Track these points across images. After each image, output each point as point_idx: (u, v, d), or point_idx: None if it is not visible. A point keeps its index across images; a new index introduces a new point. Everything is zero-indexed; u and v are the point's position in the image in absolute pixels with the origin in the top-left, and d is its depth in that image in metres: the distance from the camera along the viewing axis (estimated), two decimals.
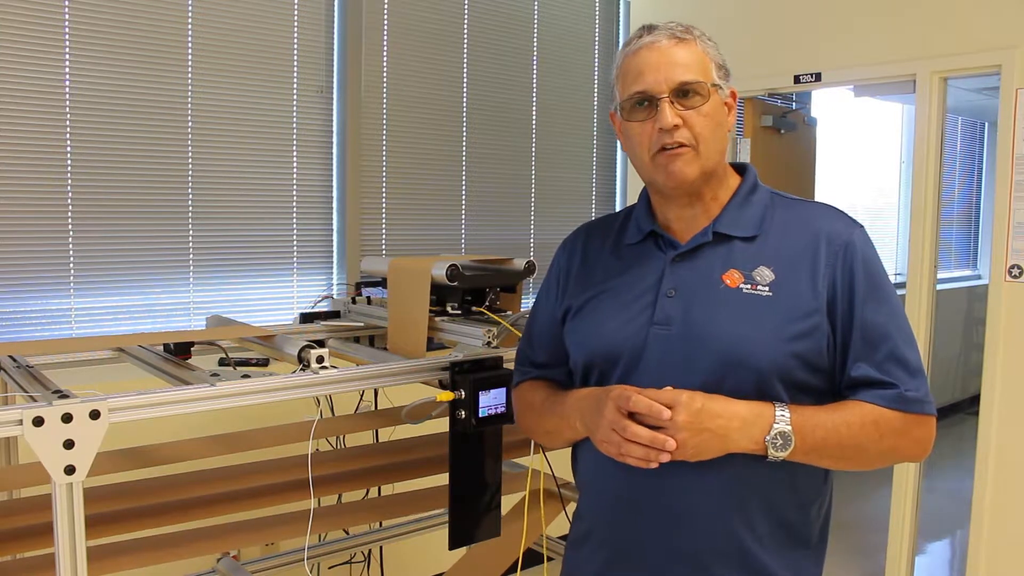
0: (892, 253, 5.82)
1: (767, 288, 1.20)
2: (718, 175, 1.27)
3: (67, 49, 2.56)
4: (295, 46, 3.05)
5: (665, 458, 1.14)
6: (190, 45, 2.80)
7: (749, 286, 1.21)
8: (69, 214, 2.60)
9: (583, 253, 1.40)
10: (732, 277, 1.22)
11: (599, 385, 1.28)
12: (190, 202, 2.84)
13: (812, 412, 1.15)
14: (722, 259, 1.24)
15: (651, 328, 1.23)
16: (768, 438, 1.13)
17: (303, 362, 1.49)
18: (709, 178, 1.25)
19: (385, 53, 3.28)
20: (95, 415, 1.21)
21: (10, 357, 1.67)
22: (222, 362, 2.02)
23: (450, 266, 1.78)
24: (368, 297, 2.22)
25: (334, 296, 3.13)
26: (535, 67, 3.78)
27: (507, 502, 1.75)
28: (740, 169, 1.33)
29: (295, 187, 3.09)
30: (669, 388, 1.16)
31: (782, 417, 1.13)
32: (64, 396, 1.25)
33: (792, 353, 1.17)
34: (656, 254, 1.30)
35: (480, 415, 1.54)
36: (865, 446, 1.16)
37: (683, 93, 1.21)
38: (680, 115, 1.20)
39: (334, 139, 3.18)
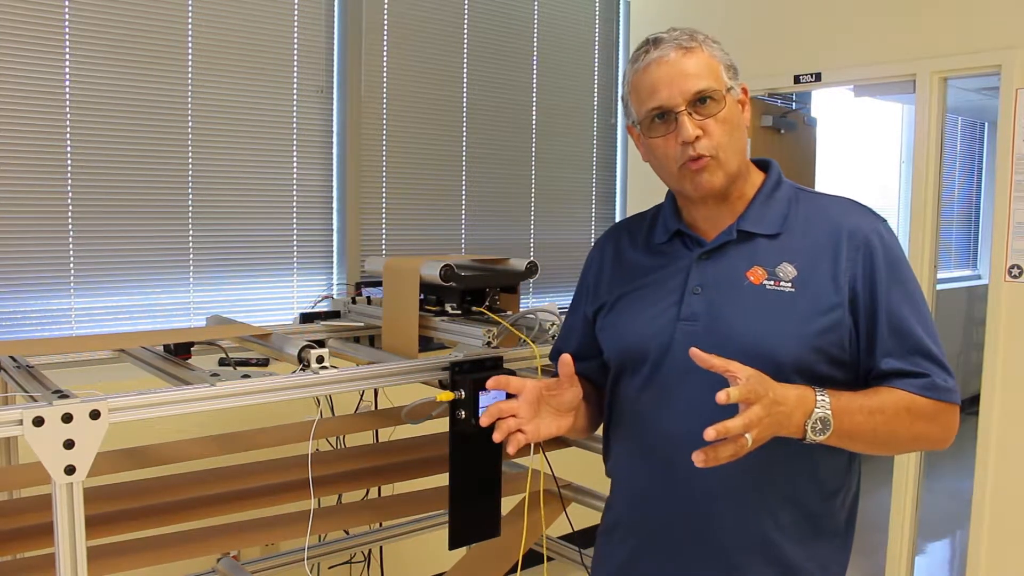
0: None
1: (790, 284, 1.22)
2: (742, 175, 1.29)
3: (67, 49, 2.56)
4: (295, 46, 3.05)
5: (741, 453, 1.05)
6: (190, 45, 2.80)
7: (772, 282, 1.23)
8: (69, 214, 2.60)
9: (615, 252, 1.43)
10: (756, 274, 1.24)
11: (632, 380, 1.32)
12: (190, 202, 2.84)
13: (849, 398, 1.15)
14: (746, 256, 1.26)
15: (678, 324, 1.27)
16: (809, 423, 1.11)
17: (303, 362, 1.49)
18: (734, 180, 1.27)
19: (385, 53, 3.28)
20: (95, 415, 1.21)
21: (10, 357, 1.67)
22: (222, 362, 2.02)
23: (444, 266, 1.78)
24: (368, 297, 2.22)
25: (334, 296, 3.13)
26: (535, 67, 3.78)
27: (507, 502, 1.75)
28: (763, 165, 1.35)
29: (295, 187, 3.09)
30: (697, 377, 1.13)
31: (822, 402, 1.13)
32: (64, 396, 1.25)
33: (814, 347, 1.19)
34: (683, 252, 1.32)
35: (480, 415, 1.54)
36: (897, 432, 1.18)
37: (700, 102, 1.22)
38: (699, 125, 1.22)
39: (334, 139, 3.18)
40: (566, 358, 1.26)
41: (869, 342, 1.21)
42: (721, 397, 1.03)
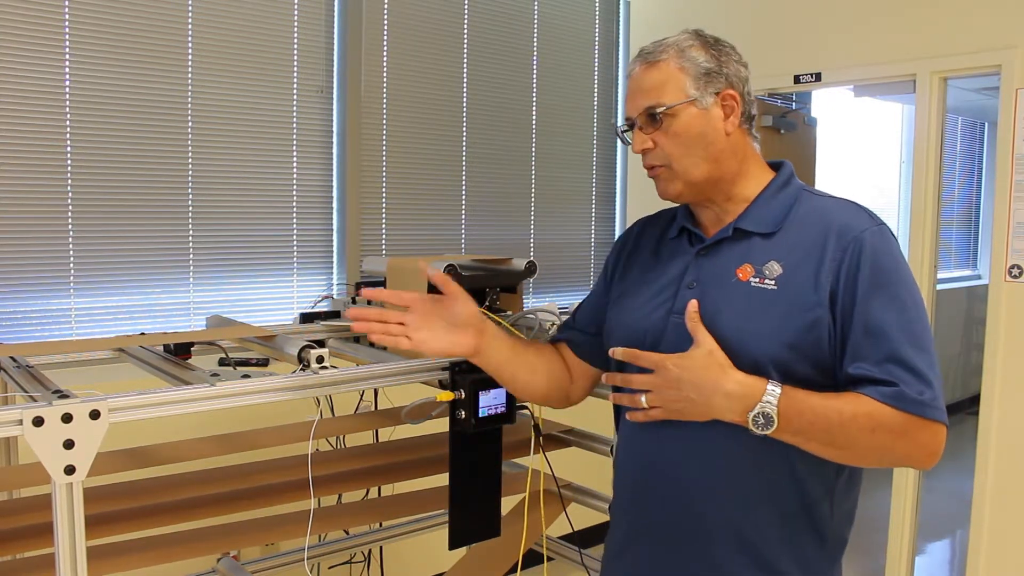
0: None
1: (773, 282, 1.23)
2: (725, 177, 1.31)
3: (67, 49, 2.56)
4: (295, 46, 3.05)
5: (647, 415, 1.23)
6: (190, 45, 2.80)
7: (758, 280, 1.25)
8: (69, 214, 2.60)
9: (633, 245, 1.49)
10: (745, 271, 1.27)
11: (631, 368, 1.34)
12: (190, 202, 2.84)
13: (804, 396, 1.16)
14: (739, 254, 1.29)
15: (670, 317, 1.30)
16: (751, 415, 1.16)
17: (303, 362, 1.48)
18: (705, 185, 1.30)
19: (385, 53, 3.28)
20: (95, 415, 1.20)
21: (10, 357, 1.66)
22: (222, 362, 2.02)
23: (447, 266, 1.78)
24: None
25: (334, 296, 3.13)
26: (535, 67, 3.78)
27: (507, 502, 1.75)
28: (778, 166, 1.37)
29: (295, 187, 3.09)
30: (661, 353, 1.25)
31: (771, 396, 1.15)
32: (64, 396, 1.25)
33: (789, 346, 1.19)
34: (686, 248, 1.37)
35: (480, 415, 1.54)
36: (855, 437, 1.14)
37: (650, 117, 1.29)
38: (651, 138, 1.29)
39: (334, 139, 3.18)
40: (437, 273, 1.38)
41: (843, 345, 1.19)
42: (616, 352, 1.28)
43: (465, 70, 3.53)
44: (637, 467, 1.37)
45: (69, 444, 1.18)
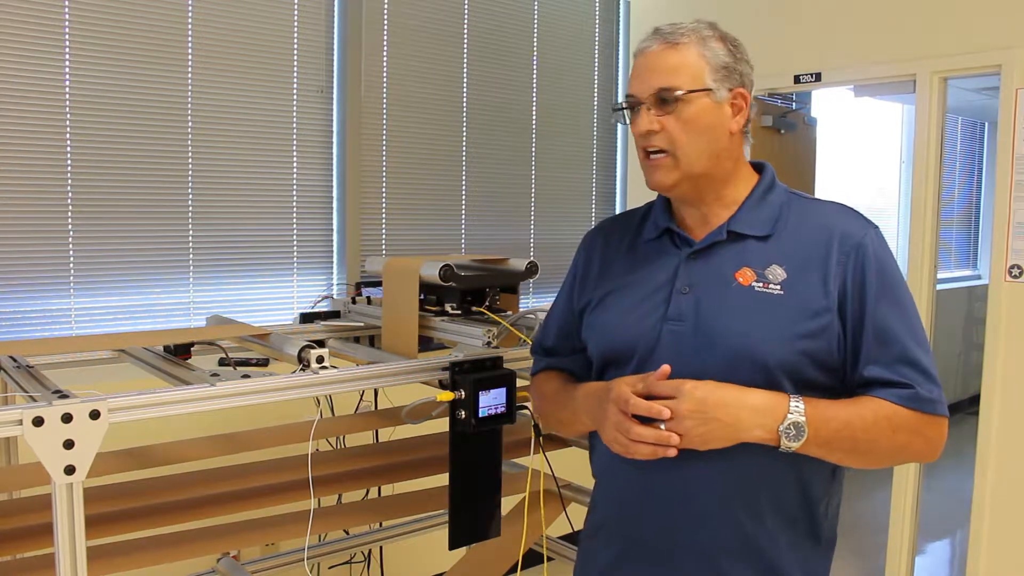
0: (892, 253, 5.80)
1: (779, 287, 1.22)
2: (719, 177, 1.28)
3: (67, 49, 2.56)
4: (295, 46, 3.05)
5: (672, 453, 1.15)
6: (190, 45, 2.80)
7: (761, 284, 1.22)
8: (69, 214, 2.60)
9: (603, 249, 1.42)
10: (745, 275, 1.24)
11: (616, 376, 1.29)
12: (190, 202, 2.84)
13: (826, 405, 1.16)
14: (736, 257, 1.26)
15: (665, 323, 1.26)
16: (781, 428, 1.13)
17: (303, 362, 1.49)
18: (700, 181, 1.27)
19: (385, 53, 3.28)
20: (95, 415, 1.21)
21: (10, 357, 1.66)
22: (222, 362, 2.02)
23: (443, 266, 1.78)
24: (368, 297, 2.22)
25: (334, 296, 3.13)
26: (535, 67, 3.78)
27: (507, 502, 1.75)
28: (759, 168, 1.35)
29: (295, 187, 3.09)
30: (672, 379, 1.17)
31: (796, 408, 1.14)
32: (64, 396, 1.25)
33: (801, 351, 1.19)
34: (672, 251, 1.32)
35: (480, 415, 1.54)
36: (877, 441, 1.17)
37: (661, 99, 1.23)
38: (658, 120, 1.23)
39: (334, 139, 3.18)
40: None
41: (855, 349, 1.20)
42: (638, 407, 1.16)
43: (465, 70, 3.53)
44: (629, 487, 1.31)
45: (69, 444, 1.18)
